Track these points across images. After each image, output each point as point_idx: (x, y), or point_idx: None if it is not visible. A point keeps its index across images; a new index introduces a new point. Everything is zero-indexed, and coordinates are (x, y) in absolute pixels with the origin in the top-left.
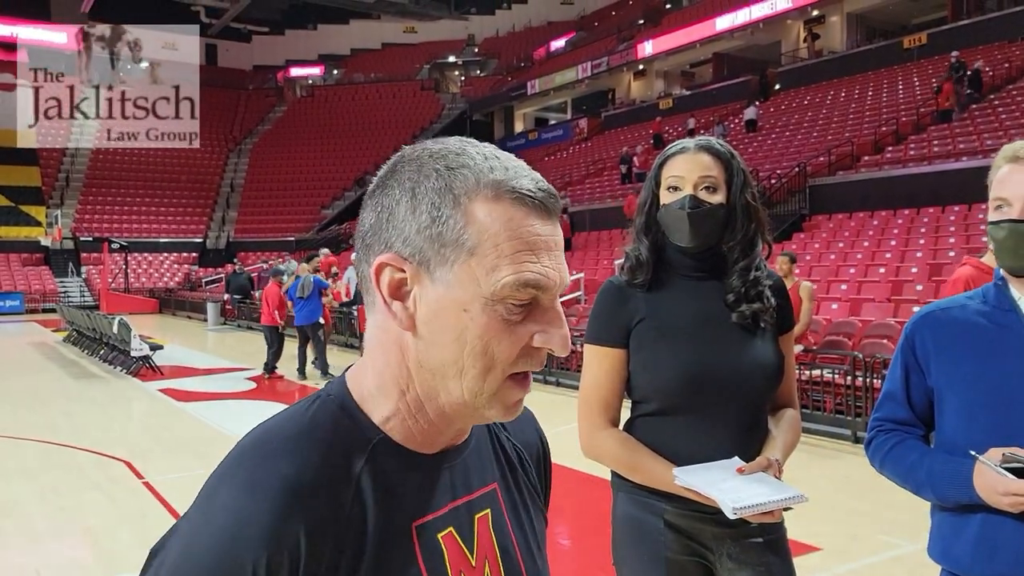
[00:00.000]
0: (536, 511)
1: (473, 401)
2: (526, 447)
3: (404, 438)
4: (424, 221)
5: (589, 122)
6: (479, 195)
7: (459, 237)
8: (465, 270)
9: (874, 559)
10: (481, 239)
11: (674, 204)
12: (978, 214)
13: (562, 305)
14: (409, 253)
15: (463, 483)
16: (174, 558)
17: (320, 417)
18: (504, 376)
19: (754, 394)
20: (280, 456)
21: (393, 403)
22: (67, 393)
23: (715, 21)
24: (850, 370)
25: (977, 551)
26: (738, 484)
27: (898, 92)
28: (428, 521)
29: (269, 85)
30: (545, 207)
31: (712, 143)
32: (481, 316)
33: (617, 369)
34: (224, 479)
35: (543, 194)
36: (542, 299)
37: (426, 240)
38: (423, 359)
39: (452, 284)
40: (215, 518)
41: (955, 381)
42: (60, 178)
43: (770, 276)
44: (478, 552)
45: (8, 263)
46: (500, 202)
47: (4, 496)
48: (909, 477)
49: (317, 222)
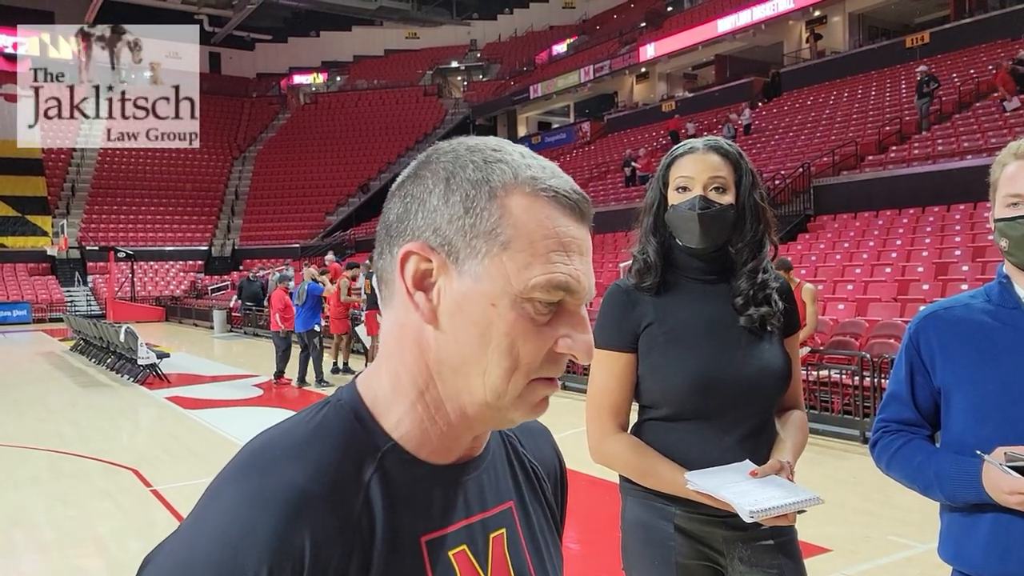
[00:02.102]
0: (551, 531)
1: (496, 403)
2: (542, 464)
3: (418, 444)
4: (457, 211)
5: (592, 125)
6: (516, 190)
7: (493, 230)
8: (496, 264)
9: (885, 560)
10: (516, 234)
11: (683, 205)
12: (983, 212)
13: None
14: (438, 243)
15: (478, 499)
16: (171, 565)
17: (329, 423)
18: (527, 379)
19: (763, 398)
20: (286, 462)
21: (409, 404)
22: (75, 402)
23: (717, 23)
24: (857, 370)
25: (988, 551)
26: (751, 487)
27: (901, 91)
28: (439, 537)
29: (273, 93)
30: (580, 210)
31: (721, 143)
32: (509, 312)
33: (626, 374)
34: (227, 485)
35: (578, 196)
36: (569, 303)
37: (458, 231)
38: (444, 355)
39: (481, 277)
40: (216, 525)
41: (962, 380)
42: (66, 188)
43: (777, 278)
44: (492, 572)
45: (15, 273)
46: (537, 199)
47: (13, 505)
48: (917, 478)
49: (322, 229)
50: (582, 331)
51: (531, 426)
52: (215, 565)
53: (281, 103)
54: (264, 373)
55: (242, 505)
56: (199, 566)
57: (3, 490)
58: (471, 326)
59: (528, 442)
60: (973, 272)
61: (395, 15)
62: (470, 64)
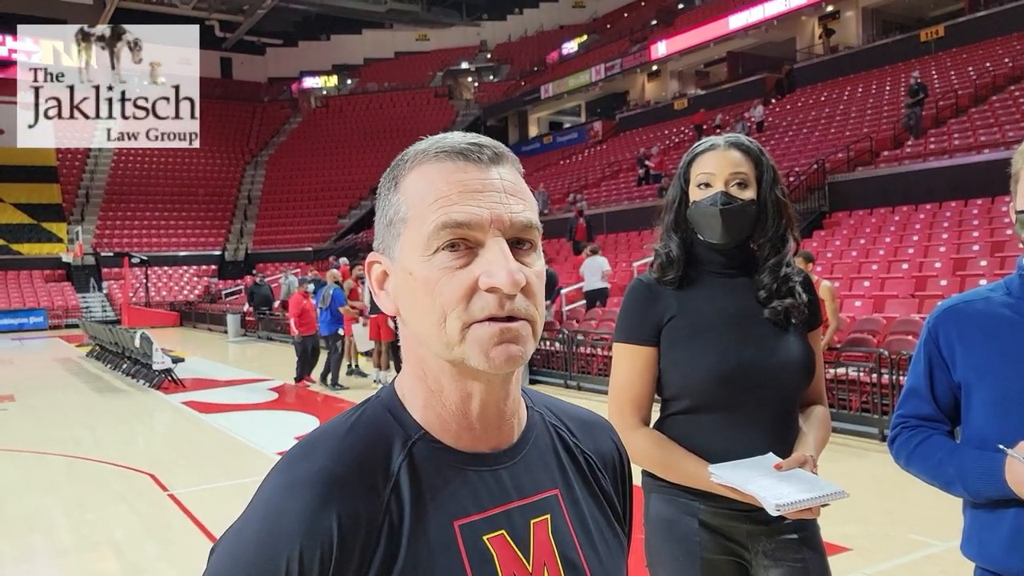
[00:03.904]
0: (608, 522)
1: (451, 354)
2: (598, 455)
3: (441, 430)
4: (381, 216)
5: (604, 124)
6: (409, 169)
7: (397, 213)
8: (406, 238)
9: (905, 559)
10: (410, 204)
11: (705, 201)
12: (1001, 207)
13: (573, 309)
14: (380, 246)
15: (516, 487)
16: (220, 555)
17: (367, 417)
18: (461, 322)
19: (787, 391)
20: (321, 453)
21: (423, 392)
22: (91, 407)
23: (728, 20)
24: (875, 368)
25: (1012, 546)
26: (776, 481)
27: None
28: (472, 521)
29: (284, 97)
30: (469, 153)
31: (742, 140)
32: (422, 272)
33: (648, 368)
34: (270, 478)
35: (465, 146)
36: (479, 238)
37: (385, 228)
38: (414, 334)
39: (401, 256)
40: (256, 514)
41: (982, 375)
42: (80, 194)
43: (799, 272)
44: (535, 558)
45: (31, 280)
46: (423, 165)
47: (31, 510)
48: (937, 474)
49: (334, 232)
50: (499, 262)
51: (589, 419)
52: (255, 552)
53: (292, 107)
54: (278, 377)
55: (277, 493)
56: (243, 551)
57: (21, 495)
58: (407, 301)
59: (583, 434)
60: (991, 267)
61: (405, 17)
62: (480, 65)
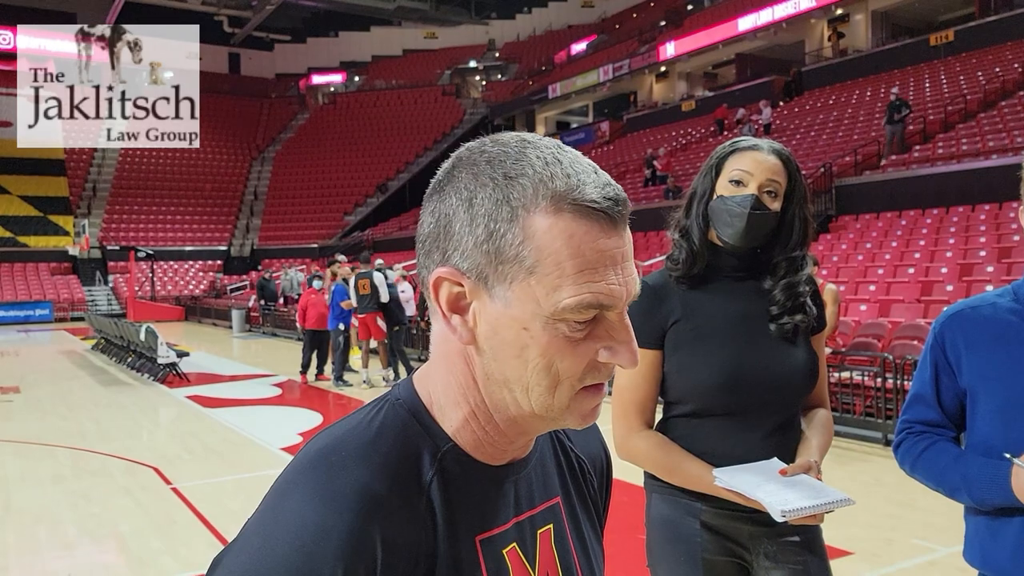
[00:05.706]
0: (594, 528)
1: (546, 414)
2: (589, 459)
3: (473, 447)
4: (481, 235)
5: (611, 125)
6: (538, 208)
7: (518, 254)
8: (524, 289)
9: (908, 563)
10: (541, 257)
11: (735, 199)
12: (1009, 212)
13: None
14: (467, 268)
15: (527, 497)
16: (245, 566)
17: (391, 422)
18: (573, 390)
19: (790, 396)
20: (355, 464)
21: (462, 413)
22: (96, 400)
23: (737, 21)
24: (880, 372)
25: (1017, 554)
26: (781, 487)
27: (925, 90)
28: (493, 535)
29: (291, 93)
30: (610, 217)
31: (784, 150)
32: (542, 335)
33: (652, 371)
34: (295, 487)
35: (608, 203)
36: (607, 314)
37: (484, 255)
38: (489, 372)
39: (511, 302)
40: (289, 527)
41: (989, 381)
42: (87, 188)
43: (809, 280)
44: (539, 568)
45: (37, 272)
46: (560, 216)
47: (36, 502)
48: (943, 480)
49: (340, 229)
50: (624, 340)
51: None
52: (290, 566)
53: (300, 103)
54: (283, 372)
55: (314, 506)
56: (275, 567)
57: (27, 487)
58: (507, 348)
59: (576, 436)
60: (998, 273)
61: (413, 15)
62: (488, 64)
